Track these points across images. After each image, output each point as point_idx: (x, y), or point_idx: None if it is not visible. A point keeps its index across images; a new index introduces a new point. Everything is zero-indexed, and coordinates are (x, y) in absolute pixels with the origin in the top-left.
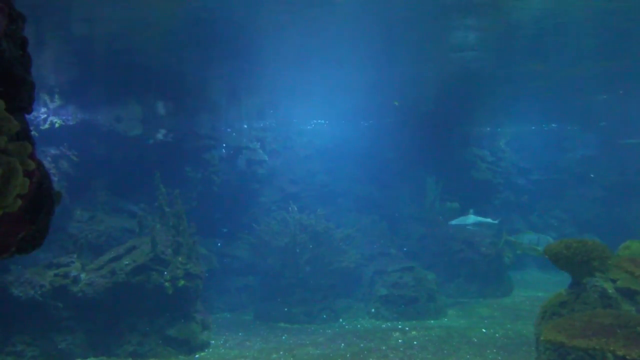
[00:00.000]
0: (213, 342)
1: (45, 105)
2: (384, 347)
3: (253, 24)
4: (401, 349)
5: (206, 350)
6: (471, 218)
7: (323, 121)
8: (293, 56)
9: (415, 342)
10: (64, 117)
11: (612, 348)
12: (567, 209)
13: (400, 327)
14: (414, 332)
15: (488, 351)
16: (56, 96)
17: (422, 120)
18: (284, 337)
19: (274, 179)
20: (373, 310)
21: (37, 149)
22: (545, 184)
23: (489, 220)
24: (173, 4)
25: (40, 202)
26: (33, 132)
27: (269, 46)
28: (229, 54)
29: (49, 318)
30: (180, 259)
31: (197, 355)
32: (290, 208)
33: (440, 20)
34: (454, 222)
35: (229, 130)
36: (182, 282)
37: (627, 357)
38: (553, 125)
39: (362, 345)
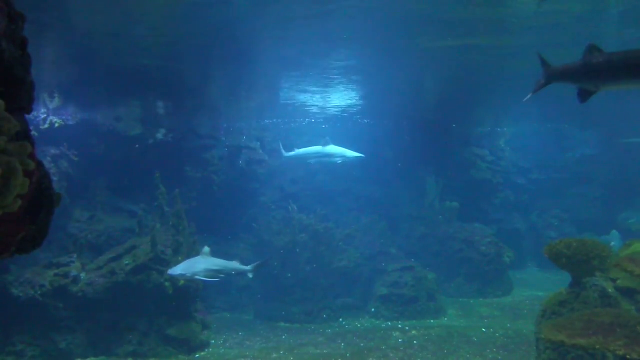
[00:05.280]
0: (213, 341)
1: (45, 105)
2: (384, 347)
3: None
4: (401, 348)
5: (206, 350)
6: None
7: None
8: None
9: (415, 342)
10: (63, 117)
11: (612, 347)
12: (567, 209)
13: (400, 326)
14: (414, 332)
15: (488, 351)
16: (56, 96)
17: (422, 119)
18: (284, 337)
19: (274, 178)
20: (373, 309)
21: (37, 149)
22: (545, 183)
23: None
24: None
25: (40, 202)
26: (33, 132)
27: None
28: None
29: (49, 318)
30: (180, 258)
31: (197, 355)
32: (290, 208)
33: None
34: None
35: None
36: (182, 282)
37: (628, 356)
38: (553, 124)
39: (362, 344)
